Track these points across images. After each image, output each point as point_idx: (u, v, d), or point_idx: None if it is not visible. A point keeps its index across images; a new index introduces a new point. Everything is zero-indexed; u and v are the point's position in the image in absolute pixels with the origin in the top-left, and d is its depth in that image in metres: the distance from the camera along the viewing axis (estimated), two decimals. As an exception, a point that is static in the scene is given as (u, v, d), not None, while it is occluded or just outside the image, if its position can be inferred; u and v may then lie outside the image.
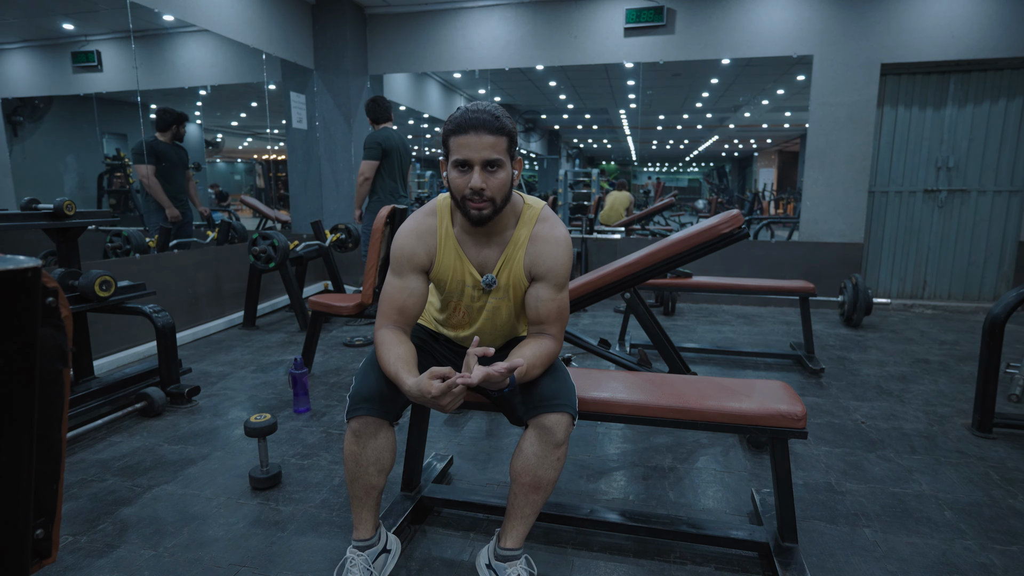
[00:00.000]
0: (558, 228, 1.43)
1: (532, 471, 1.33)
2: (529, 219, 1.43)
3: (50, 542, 0.72)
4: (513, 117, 1.36)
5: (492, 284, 1.43)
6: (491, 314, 1.49)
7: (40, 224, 2.33)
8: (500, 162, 1.30)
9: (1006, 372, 2.38)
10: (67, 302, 0.66)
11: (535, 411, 1.33)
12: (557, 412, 1.32)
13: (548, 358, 1.39)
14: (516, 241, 1.41)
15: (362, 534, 1.42)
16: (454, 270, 1.44)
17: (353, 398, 1.35)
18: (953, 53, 4.32)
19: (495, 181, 1.30)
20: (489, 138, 1.28)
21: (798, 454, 2.17)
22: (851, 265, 4.67)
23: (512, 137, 1.33)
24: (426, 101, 6.41)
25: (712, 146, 10.68)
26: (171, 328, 2.62)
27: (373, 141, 3.77)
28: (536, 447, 1.32)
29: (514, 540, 1.38)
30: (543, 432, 1.32)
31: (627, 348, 3.47)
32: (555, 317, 1.42)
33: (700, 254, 2.23)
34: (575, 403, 1.38)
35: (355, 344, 3.65)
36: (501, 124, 1.29)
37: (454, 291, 1.47)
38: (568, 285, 1.45)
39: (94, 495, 1.88)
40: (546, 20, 4.93)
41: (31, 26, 3.64)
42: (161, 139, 3.91)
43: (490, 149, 1.28)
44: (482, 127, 1.27)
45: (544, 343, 1.40)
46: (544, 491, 1.35)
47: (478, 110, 1.29)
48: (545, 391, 1.35)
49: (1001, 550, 1.61)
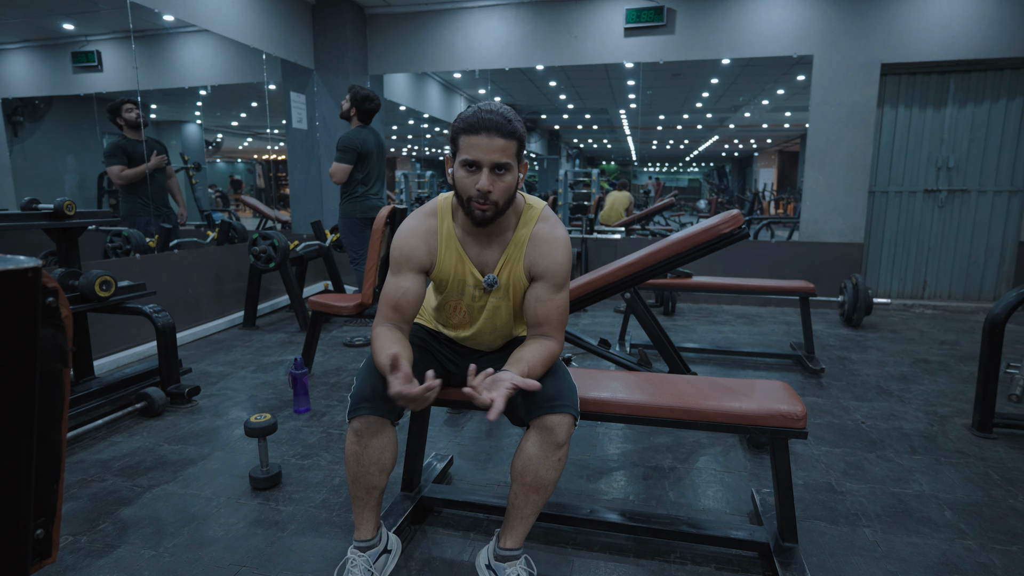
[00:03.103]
0: (558, 228, 1.43)
1: (533, 471, 1.33)
2: (530, 219, 1.43)
3: (50, 542, 0.72)
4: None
5: (494, 284, 1.43)
6: (491, 314, 1.49)
7: (40, 224, 2.33)
8: (509, 166, 1.31)
9: (1006, 372, 2.39)
10: (67, 302, 0.66)
11: (537, 412, 1.33)
12: (559, 413, 1.32)
13: (549, 359, 1.39)
14: (517, 241, 1.42)
15: (363, 534, 1.42)
16: (455, 270, 1.44)
17: (354, 398, 1.35)
18: (953, 53, 4.32)
19: (502, 184, 1.31)
20: (500, 141, 1.28)
21: (798, 454, 2.17)
22: (851, 265, 4.67)
23: (522, 141, 1.34)
24: (426, 101, 6.41)
25: (712, 146, 10.68)
26: (171, 328, 2.62)
27: (348, 144, 3.45)
28: (538, 447, 1.32)
29: (514, 540, 1.38)
30: (545, 433, 1.32)
31: (627, 348, 3.47)
32: (554, 318, 1.42)
33: (700, 254, 2.23)
34: (577, 404, 1.38)
35: (355, 344, 3.65)
36: (513, 128, 1.29)
37: (454, 291, 1.47)
38: (568, 286, 1.44)
39: (94, 495, 1.88)
40: (546, 20, 4.93)
41: (31, 26, 3.64)
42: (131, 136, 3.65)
43: (500, 152, 1.29)
44: (494, 129, 1.27)
45: (545, 344, 1.40)
46: (545, 492, 1.35)
47: (491, 111, 1.29)
48: (547, 392, 1.35)
49: (1001, 550, 1.61)
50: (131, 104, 3.63)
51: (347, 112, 3.56)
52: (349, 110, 3.54)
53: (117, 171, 3.65)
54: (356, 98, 3.50)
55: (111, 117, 3.62)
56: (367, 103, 3.51)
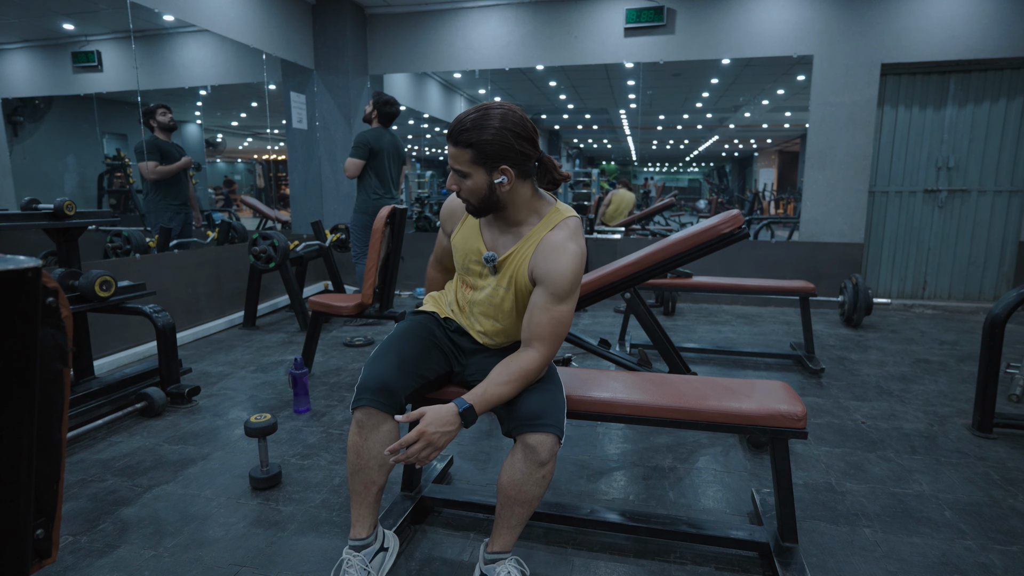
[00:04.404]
0: (573, 241, 1.38)
1: (518, 486, 1.33)
2: (550, 223, 1.42)
3: (50, 542, 0.72)
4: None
5: (492, 261, 1.45)
6: (494, 298, 1.48)
7: (40, 224, 2.33)
8: (464, 172, 1.35)
9: (1006, 372, 2.39)
10: (67, 302, 0.66)
11: (519, 429, 1.33)
12: (541, 432, 1.30)
13: (523, 376, 1.35)
14: (530, 239, 1.43)
15: (358, 532, 1.42)
16: (467, 242, 1.50)
17: (359, 388, 1.37)
18: (953, 53, 4.32)
19: (465, 185, 1.37)
20: (452, 148, 1.35)
21: (798, 454, 2.17)
22: (851, 265, 4.67)
23: (480, 149, 1.31)
24: (426, 101, 6.41)
25: (712, 146, 10.68)
26: (171, 328, 2.62)
27: (362, 140, 3.73)
28: (521, 464, 1.32)
29: (501, 544, 1.39)
30: (528, 451, 1.31)
31: (627, 348, 3.47)
32: (546, 328, 1.36)
33: (700, 254, 2.23)
34: (562, 422, 1.35)
35: (355, 344, 3.65)
36: (464, 137, 1.31)
37: (461, 261, 1.54)
38: (571, 300, 1.38)
39: (94, 495, 1.88)
40: (546, 20, 4.93)
41: (31, 26, 3.64)
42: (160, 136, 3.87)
43: (453, 159, 1.35)
44: (450, 136, 1.34)
45: (523, 358, 1.36)
46: (529, 505, 1.36)
47: (458, 119, 1.34)
48: (531, 409, 1.33)
49: (1001, 550, 1.61)
50: (165, 108, 3.86)
51: (369, 115, 3.84)
52: (371, 113, 3.82)
53: (152, 166, 3.82)
54: (378, 102, 3.79)
55: (145, 120, 3.81)
56: (387, 107, 3.78)
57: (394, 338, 1.49)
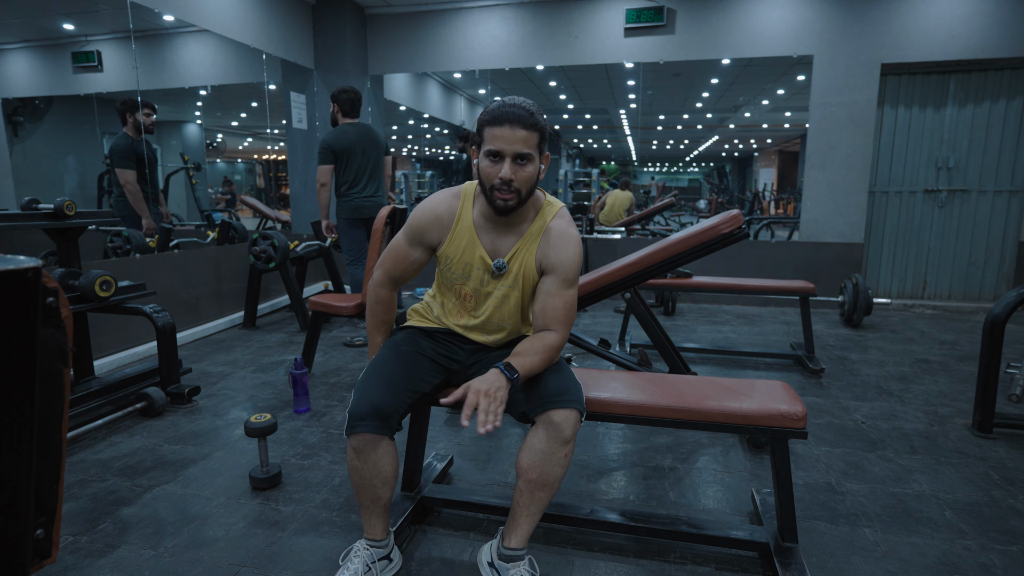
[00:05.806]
0: (572, 227, 1.48)
1: (539, 467, 1.33)
2: (547, 214, 1.48)
3: (50, 542, 0.72)
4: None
5: (503, 268, 1.46)
6: (499, 301, 1.50)
7: (40, 224, 2.33)
8: (530, 156, 1.36)
9: (1006, 372, 2.38)
10: (67, 302, 0.66)
11: (543, 407, 1.34)
12: (566, 408, 1.33)
13: (548, 351, 1.40)
14: (532, 233, 1.46)
15: (374, 535, 1.44)
16: (463, 252, 1.48)
17: (351, 416, 1.36)
18: (953, 53, 4.32)
19: (523, 174, 1.36)
20: (522, 132, 1.34)
21: (798, 454, 2.17)
22: (851, 265, 4.67)
23: (544, 133, 1.39)
24: (426, 101, 6.41)
25: (712, 146, 10.68)
26: (171, 328, 2.62)
27: (323, 144, 3.49)
28: (544, 443, 1.32)
29: (518, 539, 1.38)
30: (551, 428, 1.32)
31: (627, 348, 3.47)
32: (560, 312, 1.43)
33: (700, 254, 2.23)
34: (583, 400, 1.39)
35: (355, 344, 3.65)
36: (534, 120, 1.35)
37: (459, 273, 1.50)
38: (576, 285, 1.47)
39: (94, 495, 1.88)
40: (546, 20, 4.93)
41: (31, 26, 3.64)
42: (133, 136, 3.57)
43: (522, 143, 1.34)
44: (516, 121, 1.33)
45: (546, 336, 1.42)
46: (550, 488, 1.35)
47: (515, 104, 1.35)
48: (553, 387, 1.37)
49: (1001, 550, 1.61)
50: (150, 109, 3.61)
51: (333, 114, 3.61)
52: (334, 111, 3.59)
53: (132, 177, 3.57)
54: (335, 96, 3.57)
55: (122, 110, 3.55)
56: (344, 94, 3.55)
57: (379, 359, 1.48)
